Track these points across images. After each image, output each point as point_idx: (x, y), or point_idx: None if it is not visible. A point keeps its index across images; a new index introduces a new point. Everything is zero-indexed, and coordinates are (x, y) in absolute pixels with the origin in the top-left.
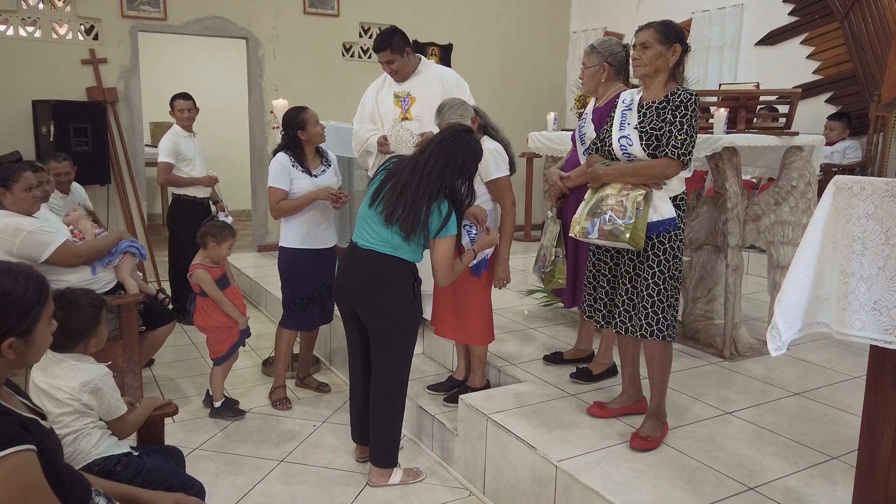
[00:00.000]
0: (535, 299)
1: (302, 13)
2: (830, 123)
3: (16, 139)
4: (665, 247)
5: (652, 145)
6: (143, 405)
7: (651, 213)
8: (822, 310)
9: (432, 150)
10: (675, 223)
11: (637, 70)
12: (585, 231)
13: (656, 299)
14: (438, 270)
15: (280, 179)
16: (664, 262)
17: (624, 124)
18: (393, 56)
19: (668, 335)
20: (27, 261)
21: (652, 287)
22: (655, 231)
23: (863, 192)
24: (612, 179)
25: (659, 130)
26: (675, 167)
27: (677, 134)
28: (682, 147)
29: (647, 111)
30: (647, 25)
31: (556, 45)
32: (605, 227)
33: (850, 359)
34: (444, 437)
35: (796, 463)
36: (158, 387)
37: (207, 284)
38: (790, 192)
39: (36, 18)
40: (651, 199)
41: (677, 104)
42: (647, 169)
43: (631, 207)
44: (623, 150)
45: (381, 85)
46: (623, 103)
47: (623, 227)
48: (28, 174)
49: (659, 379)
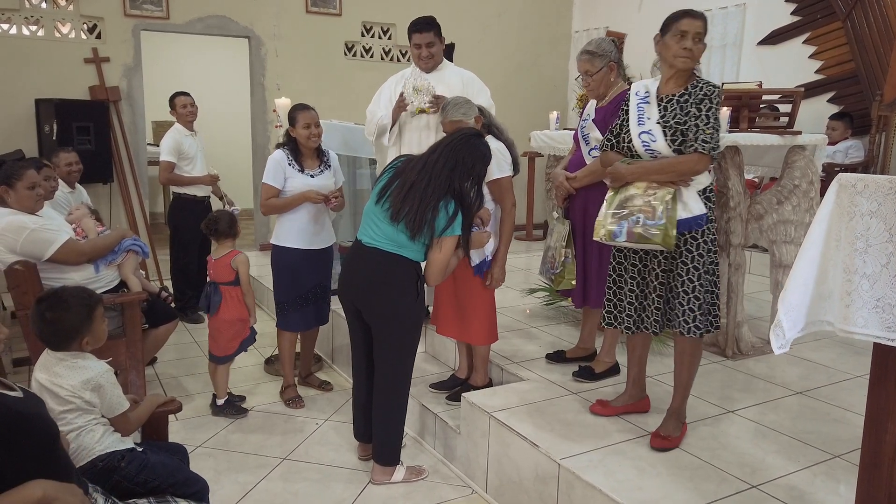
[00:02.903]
0: (538, 298)
1: (304, 12)
2: (832, 123)
3: (19, 138)
4: (698, 242)
5: (677, 140)
6: (146, 402)
7: (680, 210)
8: (826, 307)
9: (441, 152)
10: (706, 218)
11: (686, 63)
12: (612, 234)
13: (692, 296)
14: (433, 269)
15: (273, 176)
16: (698, 258)
17: (643, 119)
18: (435, 39)
19: (703, 332)
20: (31, 258)
21: (687, 284)
22: (687, 228)
23: (866, 190)
24: (637, 178)
25: (684, 125)
26: (706, 162)
27: (704, 128)
28: (712, 141)
29: (668, 104)
30: (699, 15)
31: (558, 44)
32: (635, 230)
33: (853, 358)
34: (447, 435)
35: (799, 461)
36: (161, 385)
37: (248, 269)
38: (793, 191)
39: (39, 17)
40: (680, 196)
41: (701, 97)
42: (675, 165)
43: (660, 207)
44: (646, 146)
45: (399, 79)
46: (637, 96)
47: (654, 228)
48: (31, 172)
49: (686, 377)
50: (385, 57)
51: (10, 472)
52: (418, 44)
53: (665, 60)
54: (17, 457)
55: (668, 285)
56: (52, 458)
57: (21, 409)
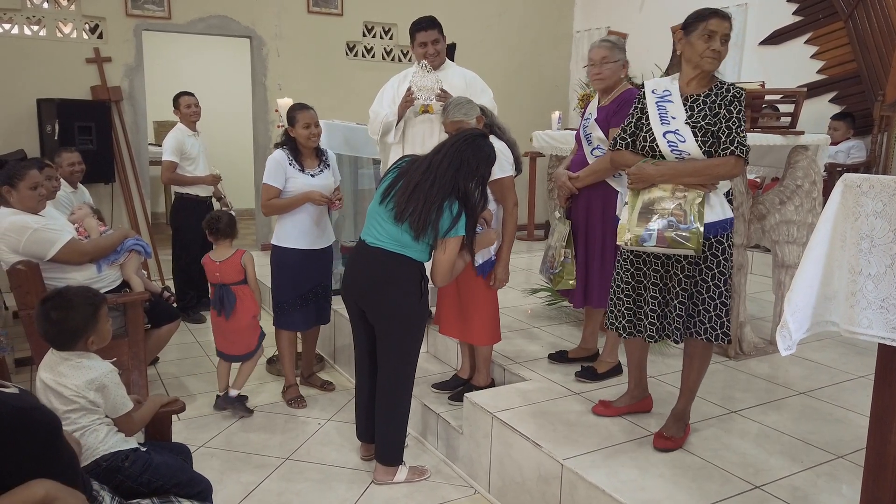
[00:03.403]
0: (540, 298)
1: (306, 12)
2: (834, 123)
3: (20, 138)
4: (724, 246)
5: (709, 142)
6: (149, 402)
7: (709, 213)
8: (831, 308)
9: (446, 153)
10: (732, 222)
11: (713, 64)
12: (640, 239)
13: (718, 301)
14: (439, 270)
15: (274, 177)
16: (723, 262)
17: (666, 118)
18: (439, 36)
19: (724, 336)
20: (33, 258)
21: (713, 289)
22: (714, 232)
23: (871, 191)
24: (666, 180)
25: (715, 126)
26: (742, 166)
27: (737, 131)
28: (745, 143)
29: (695, 104)
30: (726, 16)
31: (560, 44)
32: (667, 234)
33: (856, 358)
34: (449, 435)
35: (802, 461)
36: (163, 384)
37: (254, 267)
38: (795, 191)
39: (41, 17)
40: (707, 199)
41: (730, 99)
42: (713, 168)
43: (691, 211)
44: (672, 146)
45: (402, 78)
46: (655, 94)
47: (687, 233)
48: (34, 172)
49: (693, 380)
50: (386, 57)
51: (11, 467)
52: (423, 42)
53: (689, 60)
54: (16, 452)
55: (690, 291)
56: (55, 453)
57: (18, 403)
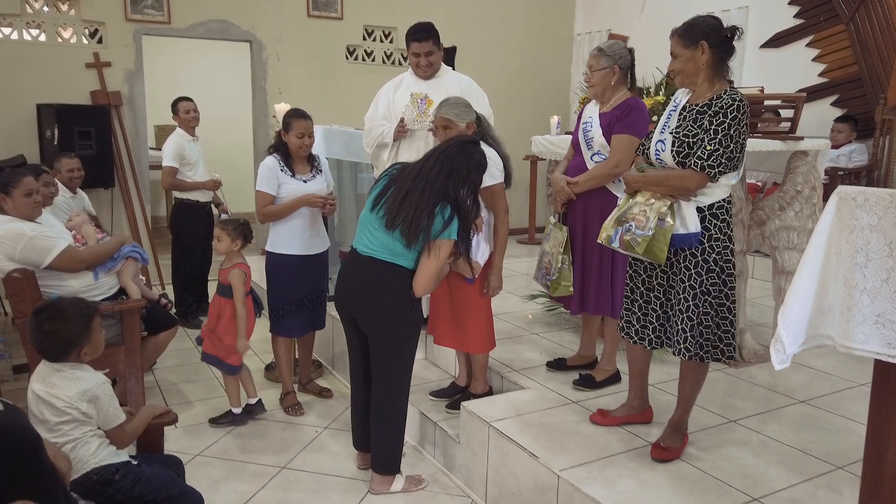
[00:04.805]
0: (539, 304)
1: (306, 16)
2: (838, 126)
3: (20, 142)
4: (697, 260)
5: (682, 153)
6: (141, 414)
7: (678, 224)
8: (826, 322)
9: (437, 159)
10: (697, 238)
11: (677, 81)
12: (609, 238)
13: (685, 316)
14: (423, 276)
15: (267, 183)
16: (695, 276)
17: (664, 127)
18: (434, 47)
19: (703, 356)
20: (29, 266)
21: (683, 302)
22: (680, 244)
23: (866, 203)
24: (639, 186)
25: (692, 137)
26: (698, 180)
27: (707, 144)
28: (709, 159)
29: (688, 114)
30: (671, 34)
31: (560, 47)
32: (625, 237)
33: (856, 365)
34: (447, 444)
35: (801, 472)
36: (161, 391)
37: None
38: (795, 196)
39: (41, 22)
40: (678, 210)
41: (716, 110)
42: (668, 179)
43: (653, 218)
44: (656, 154)
45: (397, 85)
46: (673, 102)
47: (640, 238)
48: (28, 179)
49: (688, 392)
50: (387, 60)
51: None
52: (417, 52)
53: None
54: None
55: (669, 303)
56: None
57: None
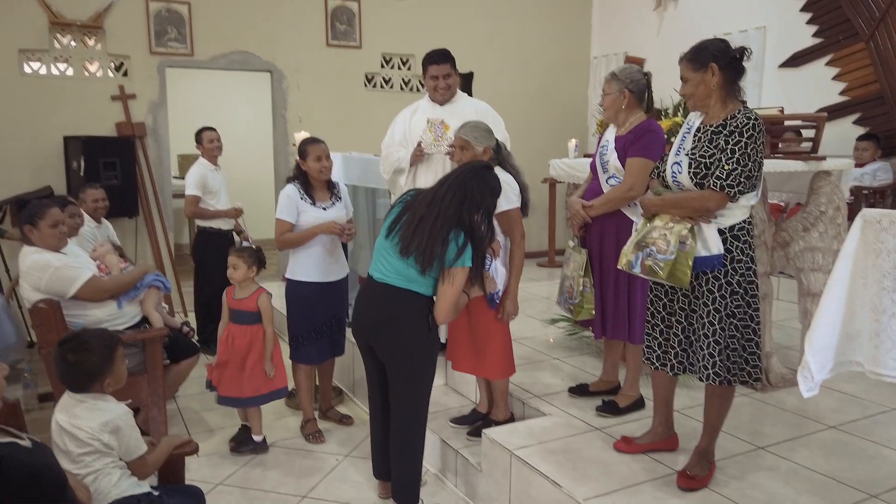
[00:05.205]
0: (560, 328)
1: (325, 45)
2: (862, 144)
3: (48, 174)
4: (720, 282)
5: (700, 174)
6: (162, 444)
7: (700, 247)
8: (855, 347)
9: (450, 185)
10: (720, 260)
11: (689, 105)
12: (630, 264)
13: (711, 340)
14: (443, 305)
15: (287, 211)
16: (719, 299)
17: (680, 149)
18: (451, 70)
19: (728, 379)
20: (55, 296)
21: (708, 326)
22: (705, 267)
23: (892, 226)
24: (657, 210)
25: (709, 157)
26: (718, 200)
27: (725, 163)
28: (728, 178)
29: (703, 136)
30: (680, 59)
31: (577, 70)
32: (647, 262)
33: (888, 389)
34: (468, 472)
35: (833, 501)
36: (183, 419)
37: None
38: (819, 217)
39: (68, 56)
40: (699, 232)
41: (732, 129)
42: (688, 201)
43: (674, 242)
44: (673, 177)
45: (414, 111)
46: (686, 125)
47: (662, 263)
48: (54, 210)
49: (714, 418)
50: (405, 87)
51: None
52: (435, 75)
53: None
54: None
55: (692, 327)
56: None
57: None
